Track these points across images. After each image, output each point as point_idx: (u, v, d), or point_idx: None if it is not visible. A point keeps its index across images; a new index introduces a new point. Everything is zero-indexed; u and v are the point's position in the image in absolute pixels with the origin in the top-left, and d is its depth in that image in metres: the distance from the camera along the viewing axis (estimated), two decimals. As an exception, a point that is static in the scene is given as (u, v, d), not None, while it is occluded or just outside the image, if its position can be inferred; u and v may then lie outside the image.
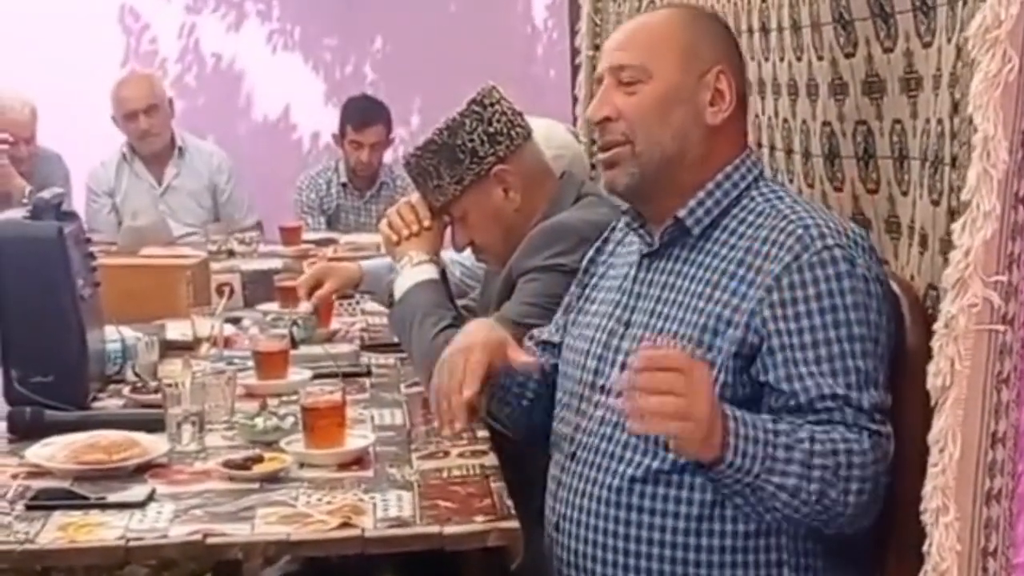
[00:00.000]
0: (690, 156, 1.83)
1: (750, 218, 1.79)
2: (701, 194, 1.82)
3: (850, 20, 1.72)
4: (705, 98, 1.82)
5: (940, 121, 1.48)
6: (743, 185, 1.82)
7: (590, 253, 2.07)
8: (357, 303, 3.20)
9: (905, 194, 1.65)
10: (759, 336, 1.71)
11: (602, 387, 1.87)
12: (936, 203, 1.51)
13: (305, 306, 2.87)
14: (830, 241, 1.70)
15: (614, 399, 1.82)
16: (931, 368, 1.38)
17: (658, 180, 1.84)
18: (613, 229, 2.05)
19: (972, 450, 1.36)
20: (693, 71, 1.82)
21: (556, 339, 2.09)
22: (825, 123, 1.85)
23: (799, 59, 1.90)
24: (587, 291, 2.03)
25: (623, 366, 1.83)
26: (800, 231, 1.72)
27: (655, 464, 1.76)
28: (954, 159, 1.43)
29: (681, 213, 1.83)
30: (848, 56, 1.75)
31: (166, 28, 6.05)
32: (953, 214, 1.42)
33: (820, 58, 1.83)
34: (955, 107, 1.43)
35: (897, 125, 1.65)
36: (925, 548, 1.39)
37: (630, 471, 1.78)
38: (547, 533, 1.90)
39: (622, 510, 1.79)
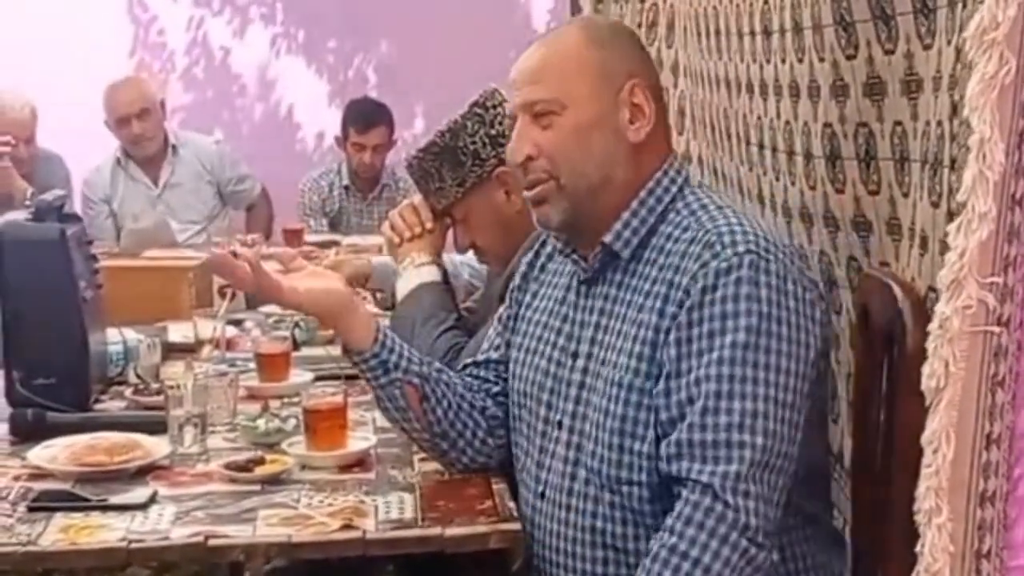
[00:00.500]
0: (618, 179, 1.78)
1: (676, 232, 1.75)
2: (626, 215, 1.78)
3: (851, 22, 1.71)
4: (624, 117, 1.77)
5: (940, 123, 1.48)
6: (667, 199, 1.78)
7: (522, 269, 2.01)
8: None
9: (906, 196, 1.65)
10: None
11: (558, 422, 1.83)
12: (936, 205, 1.51)
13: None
14: (740, 248, 1.67)
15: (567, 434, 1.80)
16: (925, 369, 1.38)
17: (590, 210, 1.79)
18: (543, 244, 1.99)
19: (966, 451, 1.36)
20: (607, 92, 1.77)
21: (494, 356, 2.02)
22: (826, 125, 1.84)
23: (800, 61, 1.90)
24: (521, 310, 1.97)
25: (576, 400, 1.80)
26: (713, 239, 1.69)
27: (622, 501, 1.73)
28: (953, 161, 1.43)
29: (607, 238, 1.78)
30: (849, 58, 1.74)
31: (173, 22, 6.05)
32: (952, 216, 1.41)
33: (821, 60, 1.83)
34: (954, 109, 1.43)
35: (898, 127, 1.65)
36: (918, 548, 1.39)
37: (601, 509, 1.75)
38: (533, 568, 1.87)
39: (598, 549, 1.75)
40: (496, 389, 1.99)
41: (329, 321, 1.96)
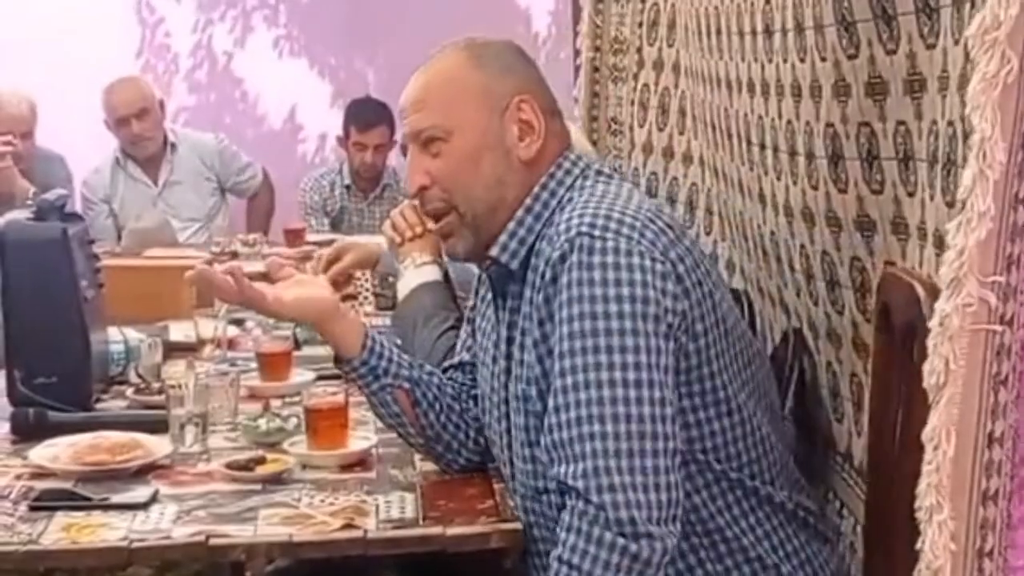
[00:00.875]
0: (510, 198, 1.75)
1: (552, 232, 1.69)
2: (511, 225, 1.75)
3: (852, 22, 1.71)
4: (512, 135, 1.75)
5: (951, 123, 1.48)
6: (554, 203, 1.74)
7: (477, 272, 1.98)
8: (360, 304, 3.21)
9: (911, 195, 1.64)
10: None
11: (499, 437, 1.84)
12: (951, 205, 1.51)
13: (322, 279, 2.84)
14: (572, 232, 1.63)
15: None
16: (926, 366, 1.38)
17: (492, 232, 1.76)
18: None
19: (968, 449, 1.35)
20: (493, 112, 1.75)
21: (467, 357, 2.00)
22: (828, 124, 1.85)
23: (802, 61, 1.90)
24: (478, 310, 1.96)
25: (505, 416, 1.80)
26: (552, 231, 1.67)
27: (543, 509, 1.73)
28: (966, 160, 1.43)
29: (494, 252, 1.75)
30: (851, 58, 1.74)
31: (178, 25, 6.05)
32: (964, 215, 1.41)
33: (823, 59, 1.83)
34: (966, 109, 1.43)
35: (901, 126, 1.65)
36: (919, 546, 1.39)
37: (534, 519, 1.75)
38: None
39: (544, 558, 1.73)
40: (475, 391, 1.99)
41: (317, 328, 1.95)
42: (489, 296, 1.88)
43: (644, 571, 1.54)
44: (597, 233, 1.62)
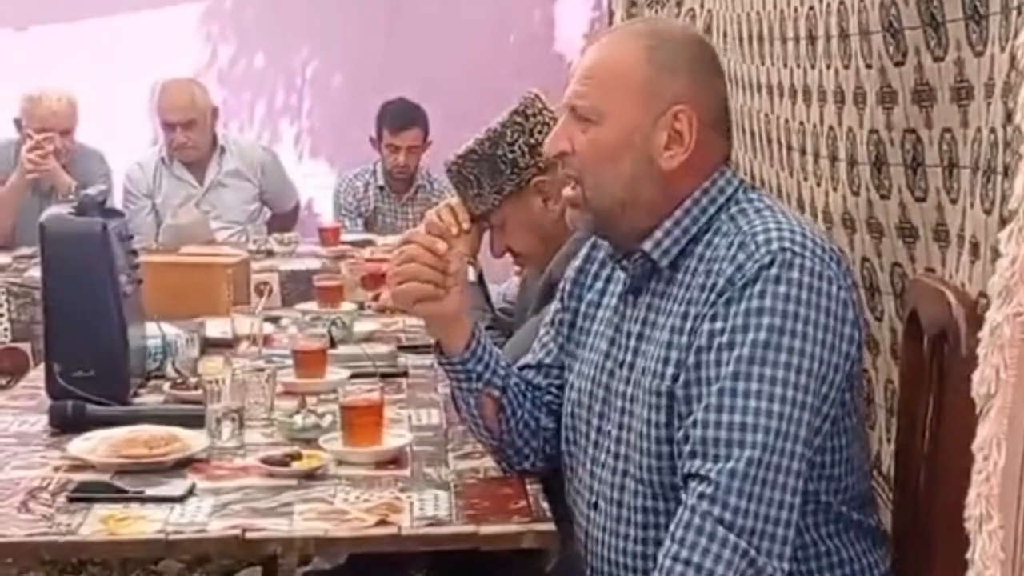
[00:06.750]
0: (644, 201, 1.75)
1: (716, 240, 1.71)
2: (668, 224, 1.75)
3: (899, 29, 1.71)
4: (660, 141, 1.73)
5: (993, 130, 1.47)
6: (712, 210, 1.75)
7: (570, 275, 1.97)
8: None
9: (954, 202, 1.64)
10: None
11: (608, 432, 1.81)
12: (988, 212, 1.50)
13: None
14: (774, 246, 1.64)
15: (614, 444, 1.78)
16: (976, 376, 1.37)
17: (615, 226, 1.78)
18: (594, 247, 1.95)
19: (1017, 459, 1.34)
20: (650, 112, 1.73)
21: (547, 360, 1.99)
22: (872, 131, 1.84)
23: (846, 67, 1.90)
24: (577, 319, 1.95)
25: (621, 411, 1.78)
26: (747, 239, 1.66)
27: (674, 508, 1.68)
28: (1006, 168, 1.42)
29: (647, 246, 1.76)
30: (897, 64, 1.74)
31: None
32: (1005, 223, 1.40)
33: (868, 66, 1.82)
34: (1008, 116, 1.42)
35: (947, 134, 1.64)
36: (968, 555, 1.38)
37: (653, 519, 1.72)
38: None
39: (650, 561, 1.71)
40: (548, 398, 1.98)
41: (432, 328, 1.95)
42: (613, 288, 1.87)
43: None
44: (796, 250, 1.64)
